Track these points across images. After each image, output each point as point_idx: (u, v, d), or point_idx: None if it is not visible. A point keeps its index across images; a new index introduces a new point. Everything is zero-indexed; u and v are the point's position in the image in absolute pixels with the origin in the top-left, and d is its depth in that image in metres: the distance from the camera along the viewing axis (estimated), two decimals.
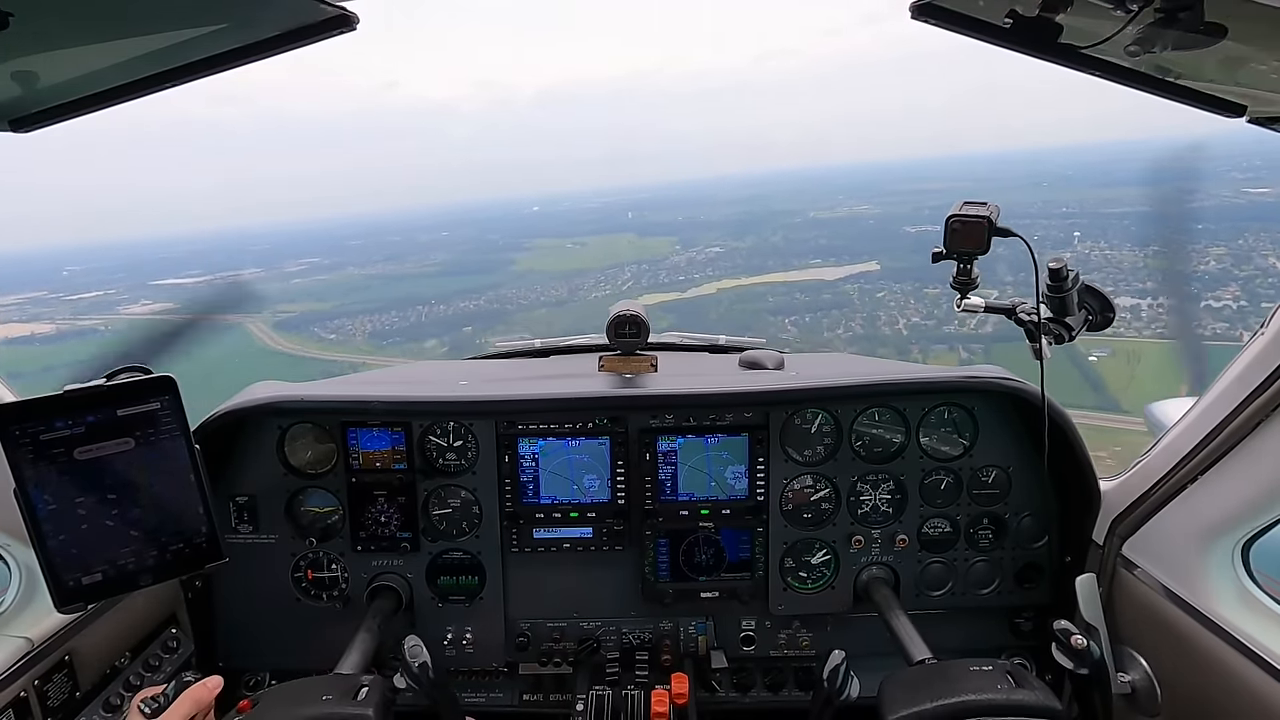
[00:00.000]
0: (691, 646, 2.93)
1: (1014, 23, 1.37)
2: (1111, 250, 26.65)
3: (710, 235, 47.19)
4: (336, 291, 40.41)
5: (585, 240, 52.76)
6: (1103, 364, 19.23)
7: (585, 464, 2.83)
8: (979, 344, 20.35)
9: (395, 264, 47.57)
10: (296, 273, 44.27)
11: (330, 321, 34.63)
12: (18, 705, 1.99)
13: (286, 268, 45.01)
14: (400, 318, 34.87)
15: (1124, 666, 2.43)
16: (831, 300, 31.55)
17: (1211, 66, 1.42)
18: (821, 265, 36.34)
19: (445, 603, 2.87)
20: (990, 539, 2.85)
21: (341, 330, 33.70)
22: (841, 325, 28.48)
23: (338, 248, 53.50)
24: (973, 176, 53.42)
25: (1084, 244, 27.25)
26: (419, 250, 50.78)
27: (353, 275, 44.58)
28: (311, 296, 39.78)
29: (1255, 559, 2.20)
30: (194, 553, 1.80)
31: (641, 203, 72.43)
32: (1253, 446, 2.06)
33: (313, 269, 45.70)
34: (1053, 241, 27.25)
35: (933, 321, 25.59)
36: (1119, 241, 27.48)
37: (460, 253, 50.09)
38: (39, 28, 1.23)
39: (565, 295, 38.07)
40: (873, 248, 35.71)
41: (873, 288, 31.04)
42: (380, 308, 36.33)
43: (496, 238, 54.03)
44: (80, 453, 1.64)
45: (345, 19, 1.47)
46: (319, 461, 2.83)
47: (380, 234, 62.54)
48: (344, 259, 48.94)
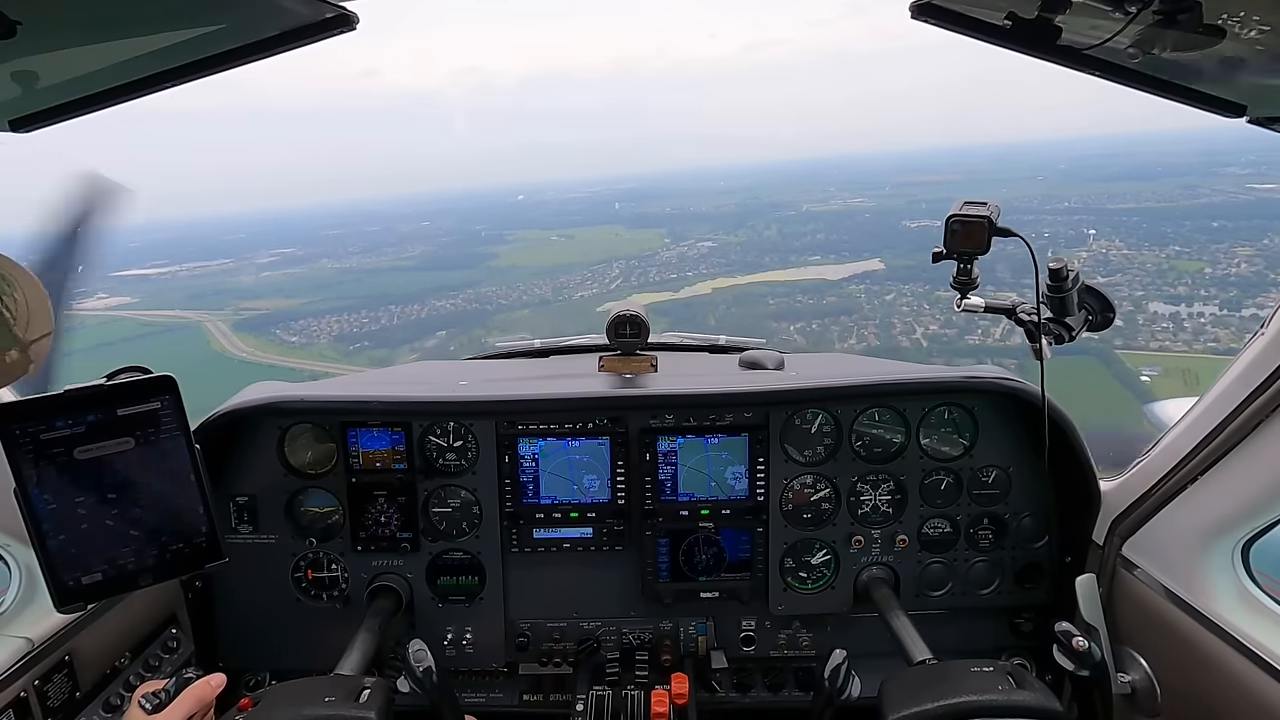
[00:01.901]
0: (691, 647, 2.93)
1: (1014, 23, 1.37)
2: (1130, 250, 25.69)
3: (701, 228, 45.51)
4: (307, 287, 38.33)
5: (571, 232, 50.81)
6: (1155, 383, 18.42)
7: (585, 464, 2.83)
8: (1010, 357, 18.62)
9: (372, 257, 45.51)
10: (267, 265, 42.21)
11: (295, 322, 32.48)
12: (18, 705, 1.99)
13: (258, 259, 43.07)
14: (370, 319, 32.61)
15: (1124, 667, 2.43)
16: (838, 304, 29.76)
17: (1211, 66, 1.42)
18: (821, 263, 34.78)
19: (445, 603, 2.87)
20: (990, 539, 2.85)
21: (306, 332, 31.65)
22: (854, 334, 26.18)
23: (314, 238, 51.02)
24: (965, 169, 52.02)
25: (1099, 243, 26.24)
26: (398, 242, 48.60)
27: (326, 269, 42.55)
28: (280, 292, 37.85)
29: (1255, 559, 2.20)
30: (194, 553, 1.79)
31: (629, 193, 70.16)
32: (1253, 446, 2.06)
33: (285, 260, 43.59)
34: (1066, 240, 25.98)
35: (954, 330, 23.08)
36: (1135, 240, 26.45)
37: (440, 245, 47.81)
38: (43, 31, 1.23)
39: (549, 294, 36.10)
40: (874, 244, 34.18)
41: (880, 289, 29.32)
42: (350, 307, 34.19)
43: (479, 228, 51.92)
44: (80, 452, 1.64)
45: (345, 19, 1.47)
46: (319, 461, 2.83)
47: (359, 224, 60.19)
48: (319, 250, 46.63)
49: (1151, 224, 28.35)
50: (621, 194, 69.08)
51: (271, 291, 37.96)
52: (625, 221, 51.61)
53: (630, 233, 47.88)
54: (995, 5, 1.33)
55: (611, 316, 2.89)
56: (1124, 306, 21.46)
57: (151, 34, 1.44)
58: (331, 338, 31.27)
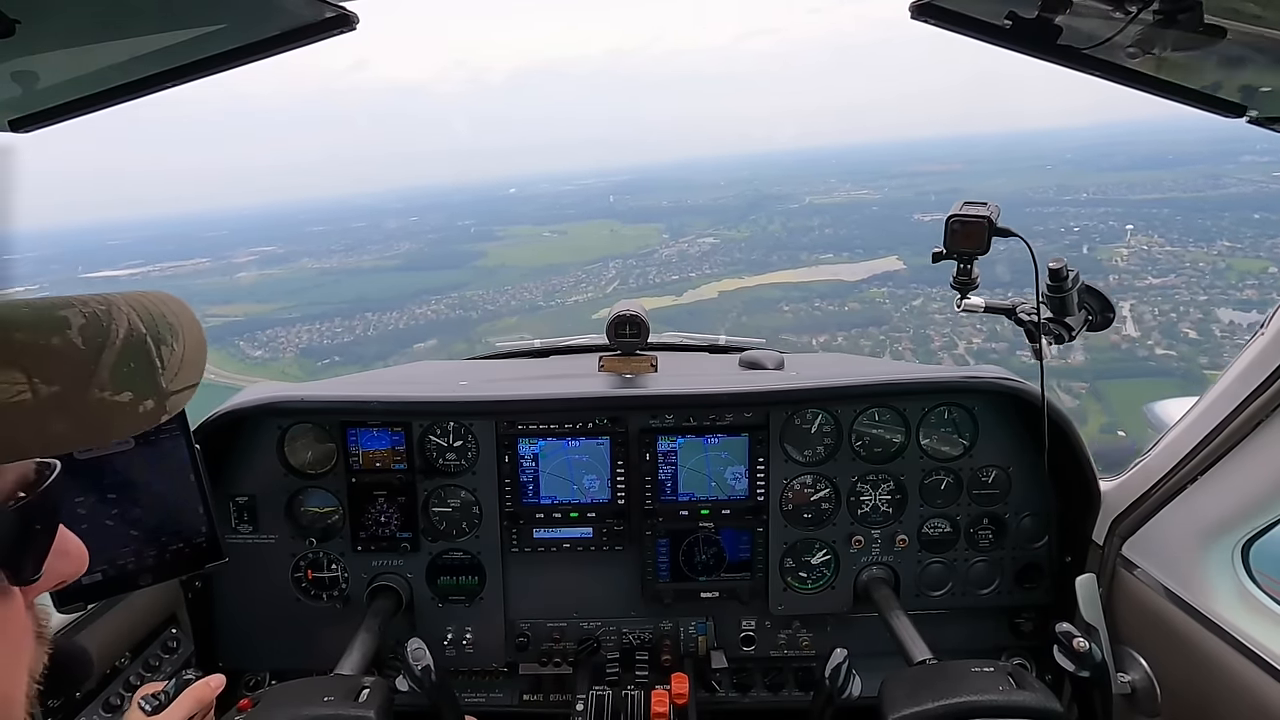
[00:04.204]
0: (691, 646, 2.93)
1: (1014, 23, 1.37)
2: (1175, 247, 23.37)
3: (700, 222, 43.54)
4: (282, 290, 36.16)
5: (564, 228, 48.70)
6: None
7: (585, 464, 2.83)
8: (1079, 380, 15.72)
9: (354, 256, 43.36)
10: (244, 264, 40.24)
11: (261, 332, 30.19)
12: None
13: (236, 258, 41.11)
14: (344, 328, 30.43)
15: (1124, 667, 2.43)
16: (863, 312, 26.45)
17: (1211, 67, 1.43)
18: (835, 261, 32.42)
19: (445, 603, 2.87)
20: (990, 539, 2.85)
21: (271, 344, 29.45)
22: (887, 349, 22.89)
23: (298, 235, 48.89)
24: (966, 158, 50.16)
25: (1138, 237, 23.84)
26: (383, 239, 46.38)
27: (306, 269, 40.45)
28: (252, 296, 35.81)
29: (1255, 559, 2.20)
30: (194, 553, 1.79)
31: (623, 185, 67.98)
32: (1253, 446, 2.06)
33: (264, 260, 41.46)
34: (1101, 235, 23.73)
35: (1003, 345, 18.35)
36: (1177, 236, 24.04)
37: (426, 243, 45.70)
38: (42, 30, 1.23)
39: (540, 299, 34.08)
40: (888, 240, 31.46)
41: (904, 293, 26.15)
42: (324, 314, 31.91)
43: (468, 223, 49.73)
44: (80, 452, 1.64)
45: (345, 19, 1.47)
46: (319, 461, 2.83)
47: (345, 219, 57.75)
48: (301, 248, 44.54)
49: (1186, 217, 26.20)
50: (616, 186, 66.95)
51: (243, 295, 36.04)
52: (620, 215, 49.72)
53: (626, 228, 46.03)
54: (995, 5, 1.33)
55: (611, 316, 2.89)
56: (1191, 314, 19.12)
57: (151, 34, 1.44)
58: (298, 351, 29.29)
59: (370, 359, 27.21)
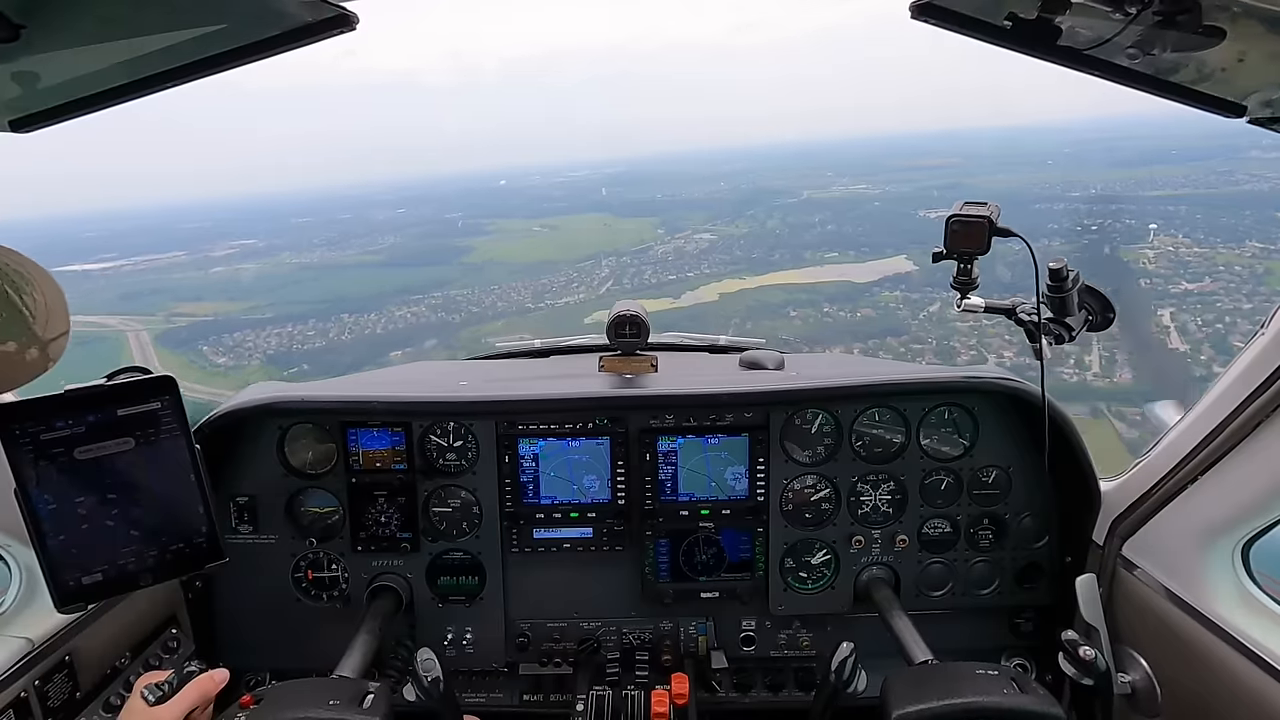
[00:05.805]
0: (691, 647, 2.93)
1: (1014, 24, 1.37)
2: (1202, 248, 21.77)
3: (697, 217, 41.16)
4: (258, 288, 33.82)
5: (555, 222, 45.86)
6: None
7: (585, 464, 2.83)
8: (1129, 404, 13.19)
9: (337, 250, 40.61)
10: (222, 259, 37.86)
11: (230, 334, 28.02)
12: (18, 705, 2.00)
13: (214, 251, 38.78)
14: (318, 331, 28.00)
15: (1124, 667, 2.43)
16: (877, 319, 24.33)
17: (1211, 67, 1.43)
18: (840, 260, 30.38)
19: (445, 603, 2.88)
20: (990, 539, 2.85)
21: (238, 349, 27.19)
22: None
23: (281, 227, 45.98)
24: (966, 153, 47.79)
25: (1161, 238, 22.13)
26: (368, 232, 43.73)
27: (285, 264, 37.80)
28: (224, 294, 33.56)
29: (1255, 559, 2.20)
30: (194, 553, 1.80)
31: (616, 177, 64.96)
32: (1253, 446, 2.06)
33: (243, 253, 38.97)
34: (1120, 233, 20.72)
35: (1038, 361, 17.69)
36: (1201, 236, 22.47)
37: (413, 236, 43.01)
38: (44, 32, 1.23)
39: (529, 300, 31.55)
40: (894, 238, 29.46)
41: (919, 297, 24.05)
42: (298, 315, 29.31)
43: (456, 216, 46.84)
44: (80, 452, 1.64)
45: (345, 19, 1.47)
46: (319, 462, 2.83)
47: (331, 210, 54.46)
48: (283, 242, 41.76)
49: (1207, 215, 24.50)
50: (609, 178, 64.36)
51: (215, 293, 33.85)
52: (614, 209, 47.21)
53: (619, 222, 43.46)
54: (995, 5, 1.33)
55: (612, 316, 2.89)
56: (1241, 326, 17.58)
57: (151, 34, 1.44)
58: (265, 358, 26.71)
59: (343, 369, 23.92)
